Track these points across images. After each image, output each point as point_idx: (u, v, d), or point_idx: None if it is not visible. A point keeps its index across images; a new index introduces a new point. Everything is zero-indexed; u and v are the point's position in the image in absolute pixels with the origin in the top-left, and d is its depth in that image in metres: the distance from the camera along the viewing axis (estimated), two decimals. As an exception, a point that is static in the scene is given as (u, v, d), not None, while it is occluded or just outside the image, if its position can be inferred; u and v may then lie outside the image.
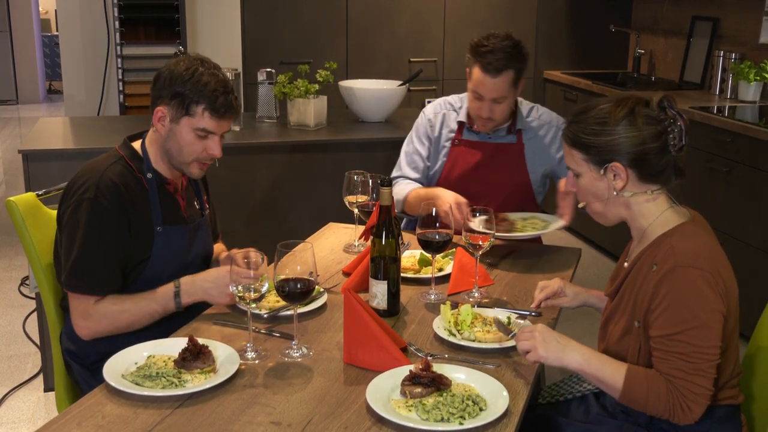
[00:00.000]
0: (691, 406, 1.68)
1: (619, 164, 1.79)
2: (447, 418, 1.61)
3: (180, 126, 2.13)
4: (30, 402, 3.35)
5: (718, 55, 4.88)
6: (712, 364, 1.69)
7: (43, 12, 11.90)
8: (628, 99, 1.82)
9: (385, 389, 1.72)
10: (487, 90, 2.69)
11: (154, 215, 2.17)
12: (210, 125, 2.13)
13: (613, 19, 5.82)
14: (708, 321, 1.68)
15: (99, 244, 2.08)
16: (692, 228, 1.79)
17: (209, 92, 2.09)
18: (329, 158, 3.79)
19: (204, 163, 2.20)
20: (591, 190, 1.86)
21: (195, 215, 2.32)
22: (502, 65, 2.64)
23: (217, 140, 2.17)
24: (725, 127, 3.97)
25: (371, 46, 5.53)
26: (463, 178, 2.85)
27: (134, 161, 2.18)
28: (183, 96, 2.10)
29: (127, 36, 4.62)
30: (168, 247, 2.19)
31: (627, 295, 1.84)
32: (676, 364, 1.69)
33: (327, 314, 2.14)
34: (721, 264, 1.74)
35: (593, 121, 1.81)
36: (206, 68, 2.13)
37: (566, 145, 1.87)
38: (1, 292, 4.51)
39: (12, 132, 9.12)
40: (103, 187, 2.08)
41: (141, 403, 1.68)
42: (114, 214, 2.09)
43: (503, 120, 2.81)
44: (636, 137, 1.77)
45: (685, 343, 1.68)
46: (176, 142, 2.15)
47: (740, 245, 3.86)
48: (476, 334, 1.96)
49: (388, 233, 2.08)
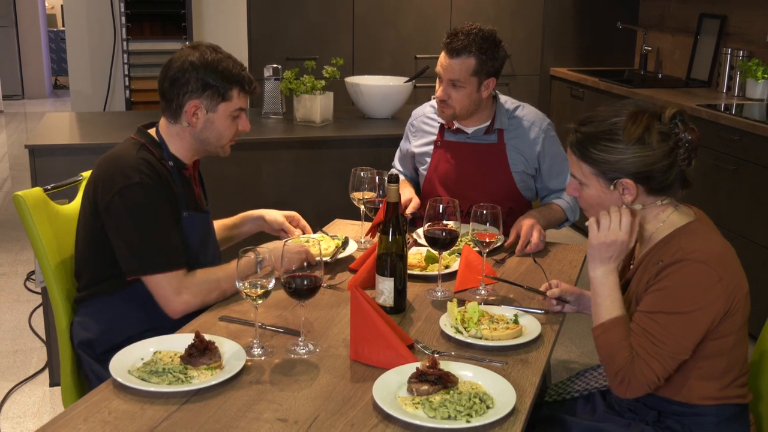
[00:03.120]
0: (634, 385, 1.71)
1: (629, 180, 1.78)
2: (454, 416, 1.61)
3: (218, 113, 2.20)
4: (35, 397, 3.35)
5: (726, 53, 4.86)
6: (676, 358, 1.70)
7: (49, 7, 11.91)
8: (642, 114, 1.77)
9: (391, 386, 1.71)
10: (444, 70, 2.72)
11: (180, 200, 2.21)
12: (244, 103, 2.25)
13: (620, 17, 5.80)
14: (695, 315, 1.68)
15: (160, 222, 2.12)
16: (699, 226, 1.79)
17: (236, 75, 2.19)
18: (335, 154, 3.79)
19: (233, 141, 2.31)
20: (598, 202, 1.84)
21: (204, 202, 2.37)
22: (461, 47, 2.67)
23: (245, 116, 2.28)
24: (732, 125, 3.96)
25: (377, 42, 5.53)
26: (446, 179, 2.88)
27: (155, 148, 2.22)
28: (215, 86, 2.17)
29: (134, 31, 4.62)
30: (193, 232, 2.23)
31: (633, 294, 1.84)
32: (642, 342, 1.71)
33: (333, 311, 2.14)
34: (729, 262, 1.73)
35: (605, 137, 1.77)
36: (218, 53, 2.22)
37: (573, 156, 1.84)
38: (7, 286, 4.51)
39: (18, 127, 9.13)
40: (144, 169, 2.11)
41: (147, 399, 1.68)
42: (163, 192, 2.14)
43: (462, 111, 2.77)
44: (649, 157, 1.75)
45: (660, 325, 1.70)
46: (214, 129, 2.22)
47: (747, 244, 3.85)
48: (483, 332, 1.95)
49: (394, 230, 2.08)
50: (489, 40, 2.70)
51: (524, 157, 2.84)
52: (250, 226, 2.62)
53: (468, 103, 2.75)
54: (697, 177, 1.88)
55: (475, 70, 2.69)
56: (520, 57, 5.75)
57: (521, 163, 2.84)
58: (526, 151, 2.84)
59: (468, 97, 2.74)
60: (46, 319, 3.41)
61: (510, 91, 5.59)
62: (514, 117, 2.86)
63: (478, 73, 2.70)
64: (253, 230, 2.63)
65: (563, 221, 2.85)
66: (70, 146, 3.44)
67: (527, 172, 2.86)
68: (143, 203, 2.09)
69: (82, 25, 4.84)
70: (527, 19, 5.73)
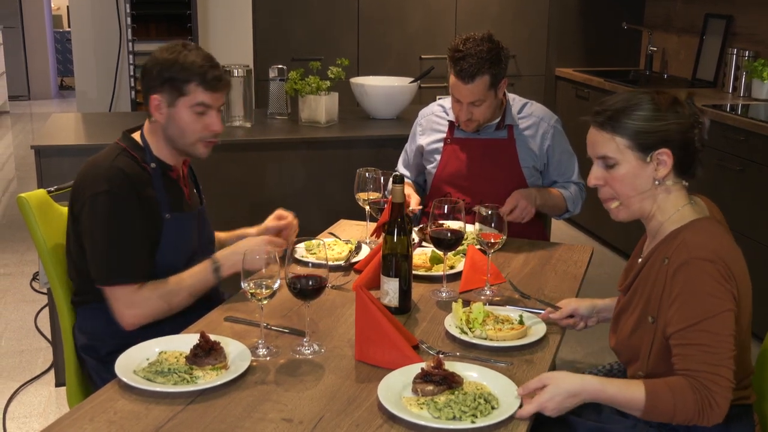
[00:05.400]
0: (719, 401, 1.64)
1: (667, 150, 1.76)
2: (459, 417, 1.60)
3: (177, 108, 2.16)
4: (41, 397, 3.36)
5: (732, 53, 4.85)
6: (732, 355, 1.66)
7: (55, 8, 11.93)
8: (662, 90, 1.81)
9: (396, 387, 1.71)
10: (462, 95, 2.72)
11: (162, 203, 2.19)
12: (206, 98, 2.16)
13: (625, 17, 5.79)
14: (723, 309, 1.66)
15: (124, 233, 2.10)
16: (706, 223, 1.78)
17: (197, 68, 2.13)
18: (340, 155, 3.79)
19: (209, 141, 2.22)
20: (629, 180, 1.80)
21: (196, 203, 2.35)
22: (475, 71, 2.65)
23: (215, 114, 2.20)
24: (738, 126, 3.95)
25: (382, 42, 5.53)
26: (456, 176, 2.90)
27: (137, 151, 2.20)
28: (173, 79, 2.13)
29: (139, 32, 4.63)
30: (178, 233, 2.22)
31: (640, 290, 1.83)
32: (701, 358, 1.65)
33: (338, 311, 2.14)
34: (733, 260, 1.72)
35: (637, 107, 1.77)
36: (189, 49, 2.16)
37: (603, 133, 1.80)
38: (13, 287, 4.52)
39: (24, 128, 9.15)
40: (114, 178, 2.10)
41: (153, 399, 1.68)
42: (131, 203, 2.11)
43: (486, 119, 2.82)
44: (684, 124, 1.77)
45: (705, 332, 1.65)
46: (176, 125, 2.18)
47: (753, 244, 3.84)
48: (488, 333, 1.95)
49: (399, 230, 2.08)
50: (494, 50, 2.69)
51: (533, 152, 2.86)
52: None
53: (491, 111, 2.81)
54: (703, 177, 1.87)
55: (491, 84, 2.71)
56: (524, 57, 5.75)
57: (530, 158, 2.86)
58: (535, 147, 2.86)
59: (490, 108, 2.78)
60: (52, 320, 3.42)
61: (515, 91, 5.53)
62: (523, 113, 2.89)
63: (494, 85, 2.72)
64: None
65: (563, 210, 2.86)
66: (75, 147, 3.45)
67: (536, 168, 2.88)
68: (109, 213, 2.09)
69: (88, 26, 4.84)
70: (532, 19, 5.73)
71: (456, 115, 2.83)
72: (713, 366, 1.64)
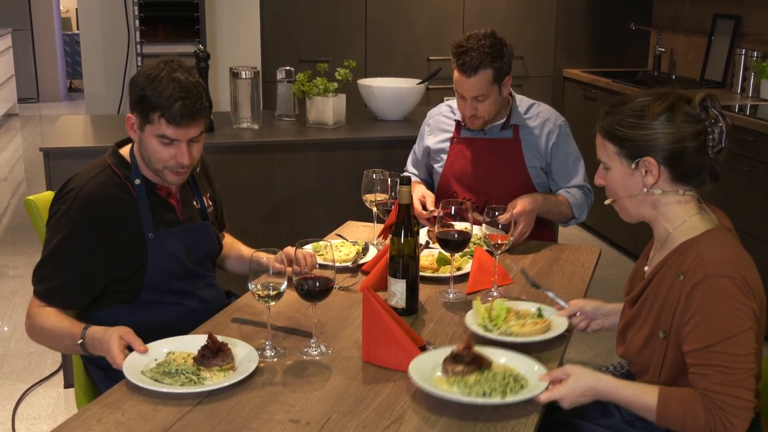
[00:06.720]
0: (734, 422, 1.61)
1: (652, 159, 1.75)
2: (489, 393, 1.64)
3: (145, 134, 2.07)
4: (50, 398, 3.37)
5: (740, 54, 4.83)
6: (752, 374, 1.64)
7: (63, 11, 11.98)
8: (668, 94, 1.77)
9: (426, 368, 1.75)
10: (465, 90, 2.74)
11: (145, 222, 2.12)
12: (169, 132, 2.03)
13: (633, 17, 5.78)
14: (742, 329, 1.64)
15: (64, 256, 2.08)
16: (718, 235, 1.75)
17: (164, 99, 1.99)
18: (348, 156, 3.79)
19: (177, 171, 2.10)
20: (620, 185, 1.82)
21: (194, 216, 2.26)
22: (476, 64, 2.67)
23: (184, 147, 2.06)
24: (747, 126, 3.93)
25: (390, 44, 5.53)
26: (462, 175, 2.91)
27: (121, 169, 2.14)
28: (143, 103, 2.03)
29: (147, 35, 4.64)
30: (164, 252, 2.15)
31: (649, 304, 1.81)
32: (717, 378, 1.63)
33: (346, 312, 2.14)
34: (748, 271, 1.70)
35: (630, 113, 1.77)
36: (168, 72, 2.03)
37: (599, 137, 1.83)
38: (22, 289, 4.54)
39: (33, 130, 9.19)
40: (79, 202, 2.05)
41: (160, 400, 1.69)
42: (86, 233, 2.06)
43: (492, 116, 2.82)
44: (673, 134, 1.73)
45: (723, 354, 1.63)
46: (145, 149, 2.09)
47: (761, 245, 3.82)
48: (512, 329, 1.95)
49: (407, 232, 2.08)
50: (497, 45, 2.71)
51: (538, 152, 2.86)
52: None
53: (495, 108, 2.81)
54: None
55: (494, 78, 2.71)
56: (532, 58, 5.74)
57: (536, 158, 2.86)
58: (540, 147, 2.86)
59: (494, 104, 2.78)
60: (61, 321, 3.42)
61: (523, 92, 5.53)
62: (530, 114, 2.89)
63: (497, 80, 2.73)
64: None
65: (569, 218, 2.84)
66: (84, 149, 3.46)
67: (542, 168, 2.88)
68: (61, 233, 2.06)
69: (97, 28, 4.86)
70: (540, 19, 5.72)
71: (461, 111, 2.84)
72: (730, 387, 1.62)
